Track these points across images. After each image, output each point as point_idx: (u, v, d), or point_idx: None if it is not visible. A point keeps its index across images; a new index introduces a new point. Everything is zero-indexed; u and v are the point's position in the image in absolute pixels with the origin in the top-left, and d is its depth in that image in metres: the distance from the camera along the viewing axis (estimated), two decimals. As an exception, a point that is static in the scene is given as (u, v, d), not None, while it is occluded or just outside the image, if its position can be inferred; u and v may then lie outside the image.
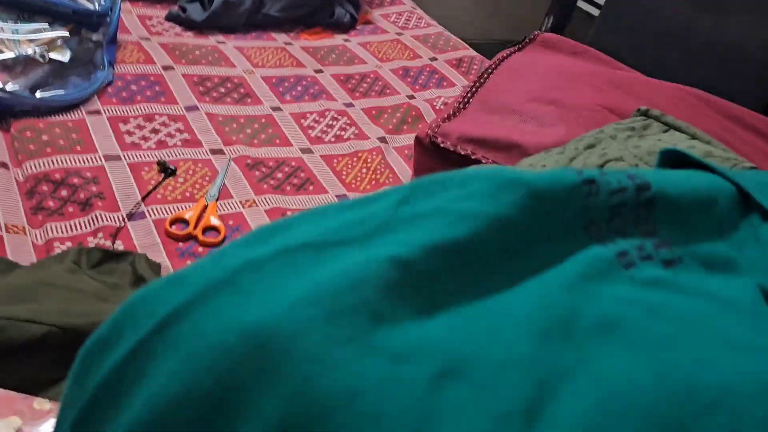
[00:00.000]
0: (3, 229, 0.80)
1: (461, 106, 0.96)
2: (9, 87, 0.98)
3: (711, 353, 0.26)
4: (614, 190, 0.32)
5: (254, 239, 0.31)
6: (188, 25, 1.36)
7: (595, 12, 2.57)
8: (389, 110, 1.26)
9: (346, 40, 1.50)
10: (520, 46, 1.13)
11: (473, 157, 0.87)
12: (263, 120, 1.14)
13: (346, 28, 1.54)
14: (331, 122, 1.19)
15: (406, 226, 0.31)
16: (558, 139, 0.85)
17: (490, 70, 1.04)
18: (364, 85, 1.33)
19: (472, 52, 1.56)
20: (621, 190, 0.32)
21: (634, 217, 0.32)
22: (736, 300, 0.28)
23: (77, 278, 0.69)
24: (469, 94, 0.99)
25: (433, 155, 0.91)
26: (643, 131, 0.63)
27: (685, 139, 0.61)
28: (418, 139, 0.93)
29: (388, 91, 1.33)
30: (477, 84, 1.01)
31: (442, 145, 0.88)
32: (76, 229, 0.83)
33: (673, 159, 0.39)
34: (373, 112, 1.25)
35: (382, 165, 1.11)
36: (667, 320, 0.27)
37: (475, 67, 1.49)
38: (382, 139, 1.17)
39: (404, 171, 1.12)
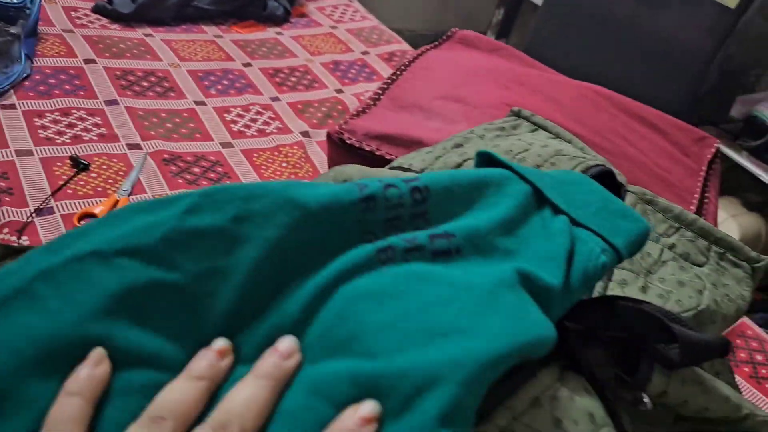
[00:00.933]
0: None
1: (373, 102, 0.99)
2: None
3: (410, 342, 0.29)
4: (392, 205, 0.35)
5: (56, 245, 0.33)
6: (115, 17, 1.36)
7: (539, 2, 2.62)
8: (315, 104, 1.28)
9: (278, 33, 1.51)
10: (437, 43, 1.16)
11: (377, 153, 0.90)
12: (185, 114, 1.15)
13: (279, 21, 1.55)
14: (255, 116, 1.20)
15: (183, 243, 0.33)
16: (458, 136, 0.88)
17: (403, 67, 1.07)
18: (293, 78, 1.35)
19: (405, 46, 1.59)
20: (399, 205, 0.35)
21: (410, 217, 0.35)
22: (474, 285, 0.31)
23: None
24: (380, 91, 1.01)
25: (342, 151, 0.93)
26: (512, 131, 0.66)
27: (545, 138, 0.64)
28: (328, 135, 0.96)
29: (316, 85, 1.35)
30: (390, 81, 1.04)
31: (347, 141, 0.91)
32: (-19, 226, 0.84)
33: (487, 160, 0.42)
34: (299, 106, 1.27)
35: (303, 159, 1.13)
36: (381, 306, 0.31)
37: (406, 60, 1.52)
38: (305, 134, 1.19)
39: (325, 165, 1.15)
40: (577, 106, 0.99)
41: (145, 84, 1.19)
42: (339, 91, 1.35)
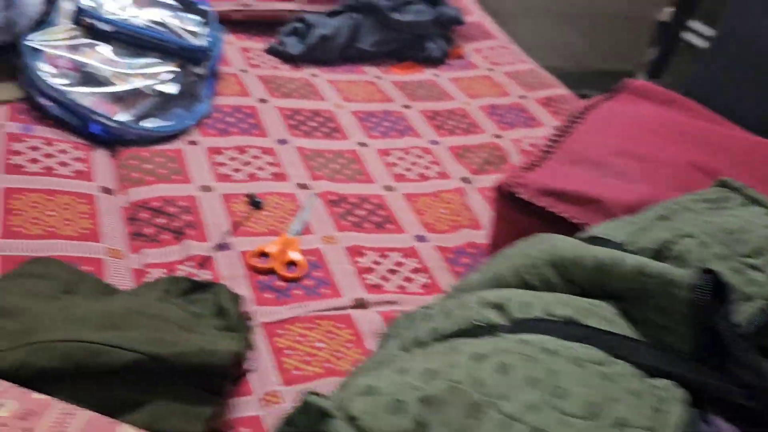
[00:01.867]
0: (105, 253, 0.87)
1: (544, 155, 0.96)
2: (118, 117, 1.07)
3: None
4: None
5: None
6: (286, 58, 1.43)
7: (700, 43, 2.47)
8: (474, 149, 1.27)
9: (435, 75, 1.52)
10: (609, 94, 1.11)
11: (549, 210, 0.86)
12: (348, 155, 1.18)
13: (437, 62, 1.56)
14: (415, 159, 1.21)
15: None
16: (640, 197, 0.83)
17: (576, 119, 1.03)
18: (451, 122, 1.35)
19: (563, 90, 1.54)
20: None
21: None
22: None
23: (165, 307, 0.74)
24: (552, 144, 0.98)
25: (512, 206, 0.91)
26: (722, 204, 0.61)
27: (762, 214, 0.58)
28: (498, 188, 0.94)
29: (474, 129, 1.34)
30: (561, 133, 1.00)
31: (519, 196, 0.88)
32: (169, 257, 0.89)
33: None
34: (458, 150, 1.26)
35: (463, 206, 1.12)
36: None
37: (565, 106, 1.47)
38: (465, 179, 1.18)
39: (485, 213, 1.13)
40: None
41: (312, 124, 1.24)
42: (497, 136, 1.33)
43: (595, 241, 0.58)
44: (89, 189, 0.95)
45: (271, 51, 1.43)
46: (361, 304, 0.89)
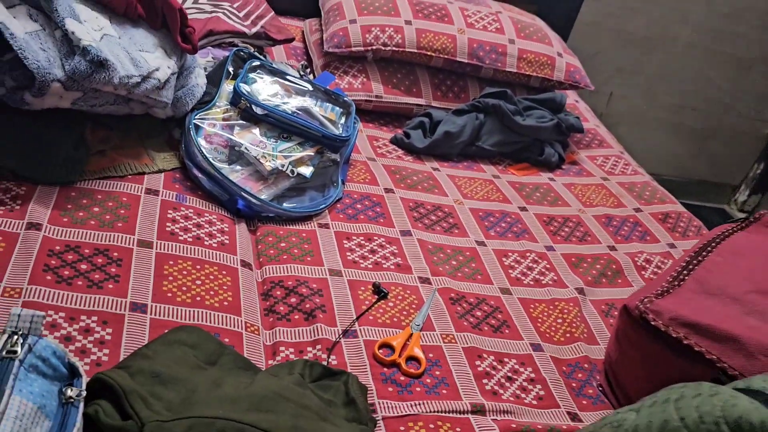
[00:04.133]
0: (243, 327, 0.92)
1: (676, 283, 0.95)
2: (261, 195, 1.14)
3: None
4: None
5: None
6: (409, 149, 1.49)
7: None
8: (589, 259, 1.27)
9: (551, 179, 1.55)
10: (743, 224, 1.10)
11: (685, 342, 0.85)
12: (468, 253, 1.21)
13: (552, 166, 1.59)
14: (531, 264, 1.22)
15: None
16: (785, 343, 0.81)
17: (708, 248, 1.02)
18: (566, 229, 1.36)
19: (679, 208, 1.53)
20: None
21: None
22: None
23: (303, 393, 0.77)
24: (684, 271, 0.97)
25: (640, 330, 0.90)
26: None
27: None
28: (626, 309, 0.93)
29: (589, 238, 1.35)
30: (694, 261, 1.00)
31: (652, 323, 0.88)
32: (299, 337, 0.93)
33: None
34: (573, 259, 1.27)
35: (578, 318, 1.11)
36: None
37: (681, 224, 1.46)
38: (580, 290, 1.18)
39: (600, 327, 1.12)
40: None
41: (433, 217, 1.28)
42: (612, 248, 1.33)
43: (757, 395, 0.57)
44: (232, 262, 1.02)
45: (396, 142, 1.50)
46: (479, 411, 0.89)
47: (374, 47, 1.55)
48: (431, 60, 1.60)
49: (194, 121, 1.17)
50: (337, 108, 1.33)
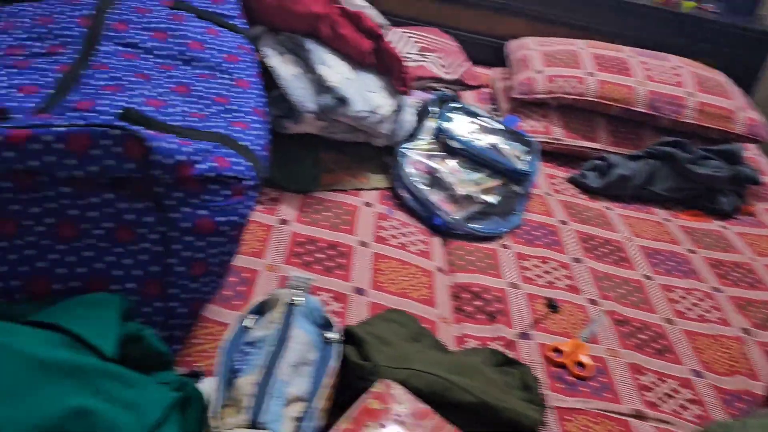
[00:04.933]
0: (438, 318, 1.12)
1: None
2: (454, 215, 1.35)
3: None
4: None
5: None
6: (584, 189, 1.63)
7: None
8: (758, 304, 1.33)
9: (723, 227, 1.60)
10: None
11: None
12: (634, 284, 1.32)
13: (726, 215, 1.64)
14: (696, 301, 1.31)
15: None
16: None
17: None
18: (735, 274, 1.42)
19: None
20: None
21: None
22: None
23: (490, 370, 0.95)
24: None
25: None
26: None
27: None
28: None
29: (759, 285, 1.39)
30: None
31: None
32: (483, 333, 1.11)
33: None
34: (741, 302, 1.33)
35: (742, 356, 1.18)
36: None
37: None
38: (746, 330, 1.24)
39: (763, 366, 1.18)
40: None
41: (603, 250, 1.41)
42: (783, 296, 1.37)
43: None
44: (429, 266, 1.23)
45: (572, 181, 1.65)
46: (639, 415, 1.01)
47: (557, 95, 1.72)
48: (610, 109, 1.74)
49: (404, 150, 1.42)
50: (522, 146, 1.52)
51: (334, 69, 1.31)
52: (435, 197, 1.36)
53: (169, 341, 0.84)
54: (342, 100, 1.26)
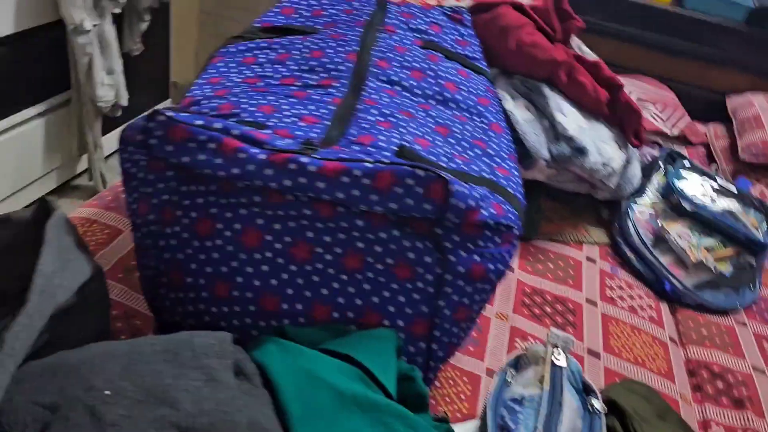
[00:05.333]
0: (678, 395, 1.02)
1: None
2: (685, 282, 1.25)
3: None
4: None
5: None
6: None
7: None
8: None
9: None
10: None
11: None
12: None
13: None
14: None
15: None
16: None
17: None
18: None
19: None
20: None
21: None
22: None
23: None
24: None
25: None
26: None
27: None
28: None
29: None
30: None
31: None
32: (729, 420, 1.00)
33: None
34: None
35: None
36: None
37: None
38: None
39: None
40: None
41: None
42: None
43: None
44: (661, 336, 1.14)
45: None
46: None
47: (794, 161, 1.57)
48: None
49: (630, 207, 1.34)
50: (759, 214, 1.39)
51: (570, 117, 1.27)
52: (665, 259, 1.27)
53: (425, 383, 0.82)
54: (580, 151, 1.21)
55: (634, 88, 1.79)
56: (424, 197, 0.74)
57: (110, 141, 2.08)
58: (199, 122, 0.75)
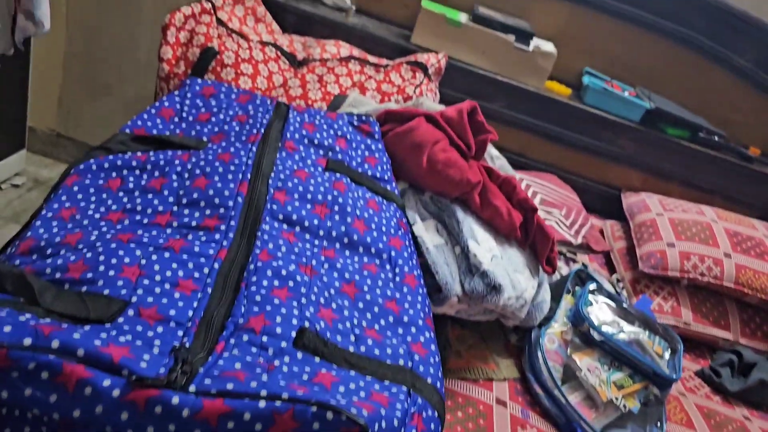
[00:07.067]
0: None
1: None
2: (595, 425, 1.17)
3: None
4: None
5: None
6: (718, 389, 1.45)
7: None
8: None
9: None
10: None
11: None
12: None
13: None
14: None
15: None
16: None
17: None
18: None
19: None
20: None
21: None
22: None
23: None
24: None
25: None
26: None
27: None
28: None
29: None
30: None
31: None
32: None
33: None
34: None
35: None
36: None
37: None
38: None
39: None
40: None
41: (757, 484, 1.22)
42: None
43: None
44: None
45: (704, 378, 1.47)
46: None
47: (691, 275, 1.57)
48: (746, 296, 1.58)
49: (538, 337, 1.26)
50: (665, 342, 1.35)
51: (483, 246, 1.17)
52: (574, 398, 1.19)
53: None
54: (495, 288, 1.11)
55: (539, 188, 1.74)
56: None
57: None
58: (28, 341, 0.55)
